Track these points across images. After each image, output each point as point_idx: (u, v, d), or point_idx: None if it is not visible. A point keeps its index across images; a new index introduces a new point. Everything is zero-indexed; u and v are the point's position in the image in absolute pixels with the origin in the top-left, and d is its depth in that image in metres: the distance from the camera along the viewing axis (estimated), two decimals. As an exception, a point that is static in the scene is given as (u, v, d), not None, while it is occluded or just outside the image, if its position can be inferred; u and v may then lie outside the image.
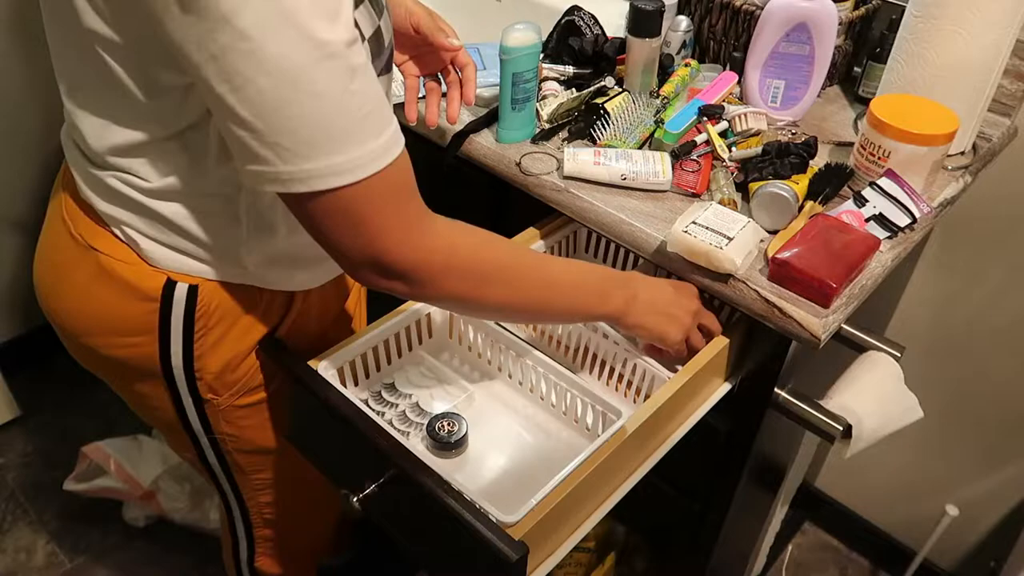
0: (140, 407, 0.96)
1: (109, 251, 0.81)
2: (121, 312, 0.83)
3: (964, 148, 1.12)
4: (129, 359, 0.86)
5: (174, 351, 0.84)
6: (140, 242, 0.80)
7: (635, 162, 1.01)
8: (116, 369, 0.89)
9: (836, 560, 1.77)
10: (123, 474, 1.67)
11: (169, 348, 0.84)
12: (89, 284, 0.83)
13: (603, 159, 1.02)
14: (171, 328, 0.83)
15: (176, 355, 0.85)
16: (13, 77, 1.71)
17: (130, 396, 0.95)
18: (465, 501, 0.71)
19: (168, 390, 0.88)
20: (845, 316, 0.87)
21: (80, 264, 0.82)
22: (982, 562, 1.59)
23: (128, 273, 0.81)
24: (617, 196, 1.01)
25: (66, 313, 0.87)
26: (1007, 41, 1.01)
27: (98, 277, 0.82)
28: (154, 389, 0.89)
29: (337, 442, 0.85)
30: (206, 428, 0.94)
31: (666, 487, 1.15)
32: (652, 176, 1.01)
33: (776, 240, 0.92)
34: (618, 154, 1.03)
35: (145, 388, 0.90)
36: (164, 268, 0.80)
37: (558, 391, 0.89)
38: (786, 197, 0.94)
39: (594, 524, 0.84)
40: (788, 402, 0.98)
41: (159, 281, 0.81)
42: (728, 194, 0.99)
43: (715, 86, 1.10)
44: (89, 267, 0.82)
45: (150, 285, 0.81)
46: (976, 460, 1.51)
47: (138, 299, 0.81)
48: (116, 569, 1.65)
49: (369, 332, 0.90)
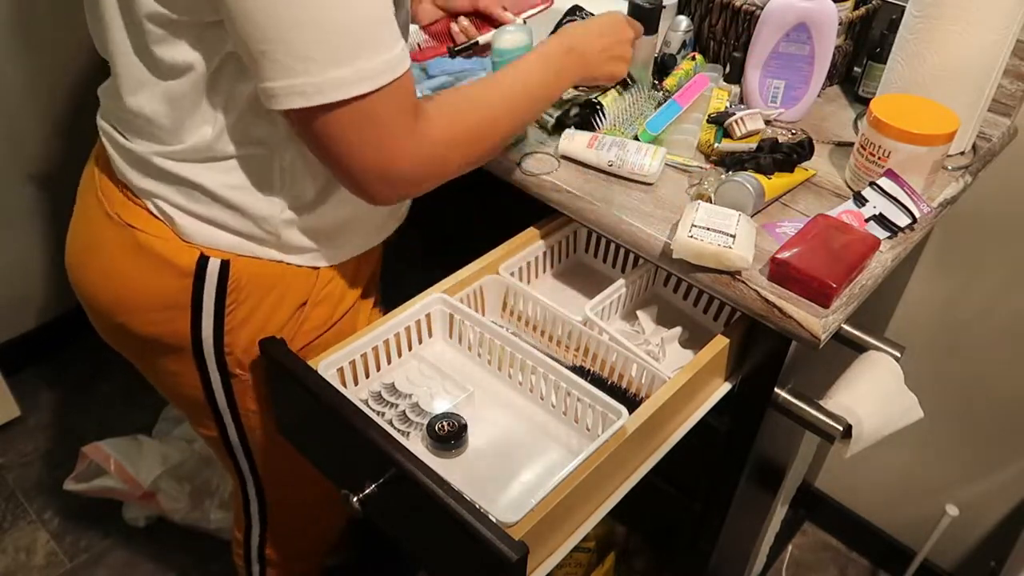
0: (166, 385, 0.98)
1: (144, 227, 0.84)
2: (155, 287, 0.86)
3: (964, 148, 1.12)
4: (161, 335, 0.89)
5: (204, 325, 0.87)
6: (175, 216, 0.83)
7: (627, 151, 1.02)
8: (146, 346, 0.92)
9: (836, 560, 1.77)
10: (123, 474, 1.67)
11: (200, 323, 0.87)
12: (124, 260, 0.86)
13: (597, 144, 1.03)
14: (203, 303, 0.86)
15: (207, 330, 0.87)
16: (13, 77, 1.71)
17: (157, 374, 0.97)
18: (465, 501, 0.71)
19: (197, 366, 0.91)
20: (845, 316, 0.87)
21: (116, 241, 0.86)
22: (982, 562, 1.59)
23: (163, 248, 0.84)
24: (616, 194, 1.01)
25: (100, 290, 0.89)
26: (1007, 41, 1.01)
27: (133, 253, 0.85)
28: (183, 366, 0.91)
29: (337, 442, 0.85)
30: (231, 405, 0.96)
31: (666, 487, 1.16)
32: (637, 167, 1.01)
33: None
34: (613, 142, 1.03)
35: (174, 365, 0.92)
36: (198, 243, 0.84)
37: (558, 391, 0.89)
38: (747, 189, 0.94)
39: (594, 524, 0.84)
40: (788, 402, 0.98)
41: (193, 256, 0.84)
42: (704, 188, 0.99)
43: (689, 89, 1.10)
44: (125, 244, 0.85)
45: (184, 260, 0.84)
46: (976, 460, 1.51)
47: (172, 274, 0.84)
48: (116, 569, 1.65)
49: (369, 332, 0.90)
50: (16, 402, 1.90)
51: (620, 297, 1.04)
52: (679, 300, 1.10)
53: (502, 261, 1.03)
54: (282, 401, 0.94)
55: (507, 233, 1.06)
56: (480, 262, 1.01)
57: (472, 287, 1.00)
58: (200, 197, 0.82)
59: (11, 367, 1.93)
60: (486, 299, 1.03)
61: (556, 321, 0.98)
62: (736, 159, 1.02)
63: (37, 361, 2.05)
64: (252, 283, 0.87)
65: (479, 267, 1.01)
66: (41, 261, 1.95)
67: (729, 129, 1.05)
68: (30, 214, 1.88)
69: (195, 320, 0.87)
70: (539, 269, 1.11)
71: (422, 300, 0.95)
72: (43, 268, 1.96)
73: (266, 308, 0.89)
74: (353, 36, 0.66)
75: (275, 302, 0.89)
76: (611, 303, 1.03)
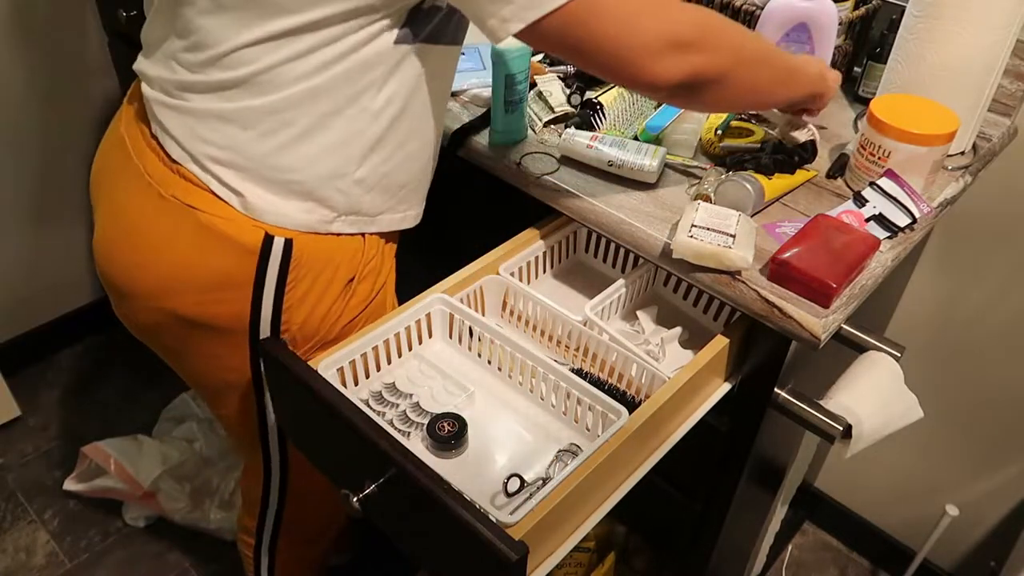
0: (207, 370, 0.98)
1: (207, 207, 0.84)
2: (215, 267, 0.86)
3: (964, 148, 1.12)
4: (218, 316, 0.89)
5: (264, 304, 0.88)
6: (242, 189, 0.83)
7: (627, 151, 1.02)
8: (190, 329, 0.91)
9: (836, 560, 1.77)
10: (123, 474, 1.67)
11: (260, 302, 0.88)
12: (183, 242, 0.86)
13: (598, 143, 1.03)
14: (265, 281, 0.87)
15: (266, 308, 0.89)
16: (13, 77, 1.71)
17: (198, 359, 0.97)
18: (465, 501, 0.71)
19: (250, 345, 0.92)
20: (845, 316, 0.87)
21: (174, 223, 0.86)
22: (982, 562, 1.59)
23: (227, 228, 0.84)
24: (616, 194, 1.01)
25: (145, 273, 0.89)
26: (1007, 41, 1.01)
27: (195, 233, 0.85)
28: (229, 347, 0.92)
29: (337, 442, 0.85)
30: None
31: (666, 487, 1.16)
32: (637, 167, 1.01)
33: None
34: (613, 141, 1.03)
35: (219, 347, 0.93)
36: (263, 222, 0.85)
37: (558, 391, 0.89)
38: (747, 189, 0.94)
39: (594, 524, 0.84)
40: (788, 402, 0.98)
41: (258, 235, 0.85)
42: (704, 188, 0.99)
43: None
44: (185, 225, 0.85)
45: (250, 239, 0.85)
46: (976, 460, 1.51)
47: (236, 253, 0.85)
48: (116, 569, 1.65)
49: (369, 332, 0.90)
50: (16, 402, 1.90)
51: (620, 297, 1.04)
52: (679, 300, 1.10)
53: (502, 261, 1.03)
54: (282, 401, 0.94)
55: (507, 233, 1.06)
56: (480, 262, 1.01)
57: (472, 287, 1.00)
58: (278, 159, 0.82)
59: (11, 367, 1.93)
60: (486, 299, 1.03)
61: (556, 321, 0.98)
62: (736, 159, 1.02)
63: (37, 361, 2.05)
64: (311, 260, 0.88)
65: (479, 267, 1.01)
66: (41, 261, 1.95)
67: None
68: (30, 214, 1.88)
69: (256, 300, 0.88)
70: (539, 269, 1.11)
71: (422, 300, 0.95)
72: (43, 268, 1.96)
73: (321, 284, 0.91)
74: None
75: (329, 278, 0.91)
76: (611, 303, 1.03)
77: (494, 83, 1.04)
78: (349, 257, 0.92)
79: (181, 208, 0.85)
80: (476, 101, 1.17)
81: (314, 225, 0.87)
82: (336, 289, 0.92)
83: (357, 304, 0.96)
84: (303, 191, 0.85)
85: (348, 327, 0.96)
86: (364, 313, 0.97)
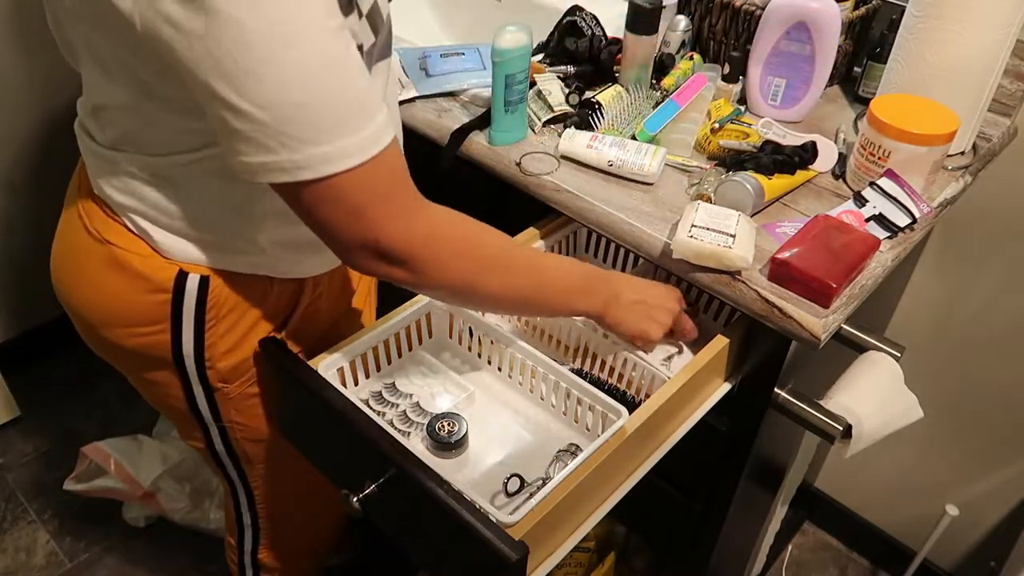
0: (153, 395, 0.98)
1: (122, 244, 0.83)
2: (134, 303, 0.85)
3: (964, 148, 1.12)
4: (142, 348, 0.88)
5: (185, 340, 0.86)
6: (152, 232, 0.81)
7: (627, 151, 1.02)
8: (130, 358, 0.91)
9: (836, 560, 1.77)
10: (123, 474, 1.67)
11: (181, 338, 0.86)
12: (103, 276, 0.85)
13: (597, 144, 1.03)
14: (183, 318, 0.85)
15: (187, 344, 0.87)
16: (13, 77, 1.71)
17: (143, 384, 0.97)
18: (465, 501, 0.70)
19: (180, 379, 0.90)
20: (845, 316, 0.87)
21: (95, 257, 0.85)
22: (982, 562, 1.59)
23: (141, 265, 0.83)
24: (617, 194, 1.01)
25: (82, 305, 0.89)
26: (1007, 41, 1.01)
27: (112, 269, 0.84)
28: (166, 378, 0.91)
29: (337, 442, 0.85)
30: (216, 416, 0.95)
31: (666, 487, 1.15)
32: (637, 167, 1.01)
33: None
34: (613, 141, 1.03)
35: (158, 377, 0.91)
36: (176, 259, 0.82)
37: (558, 391, 0.89)
38: (747, 188, 0.94)
39: (594, 524, 0.84)
40: (788, 402, 0.98)
41: (171, 272, 0.82)
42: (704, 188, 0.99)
43: (687, 88, 1.10)
44: (103, 260, 0.84)
45: (162, 276, 0.83)
46: (976, 460, 1.51)
47: (150, 290, 0.83)
48: (116, 569, 1.65)
49: (369, 332, 0.90)
50: (16, 402, 1.90)
51: (620, 297, 1.04)
52: (679, 300, 1.10)
53: (502, 261, 1.02)
54: (282, 401, 0.94)
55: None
56: (480, 262, 1.01)
57: (472, 287, 1.00)
58: (177, 209, 0.80)
59: (11, 367, 1.93)
60: (486, 299, 1.03)
61: (556, 321, 0.98)
62: (736, 159, 1.02)
63: (37, 361, 2.05)
64: (233, 298, 0.86)
65: (479, 267, 1.00)
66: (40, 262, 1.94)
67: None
68: (29, 215, 1.88)
69: (175, 335, 0.86)
70: (539, 269, 1.11)
71: (422, 300, 0.95)
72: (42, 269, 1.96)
73: (248, 322, 0.88)
74: (335, 109, 0.63)
75: (258, 316, 0.88)
76: (611, 303, 1.03)
77: (494, 83, 1.04)
78: (286, 294, 0.89)
79: (101, 243, 0.84)
80: (476, 101, 1.17)
81: (231, 264, 0.84)
82: (267, 327, 0.90)
83: (299, 340, 0.93)
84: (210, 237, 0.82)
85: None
86: (314, 347, 0.93)
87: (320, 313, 0.95)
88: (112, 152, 0.80)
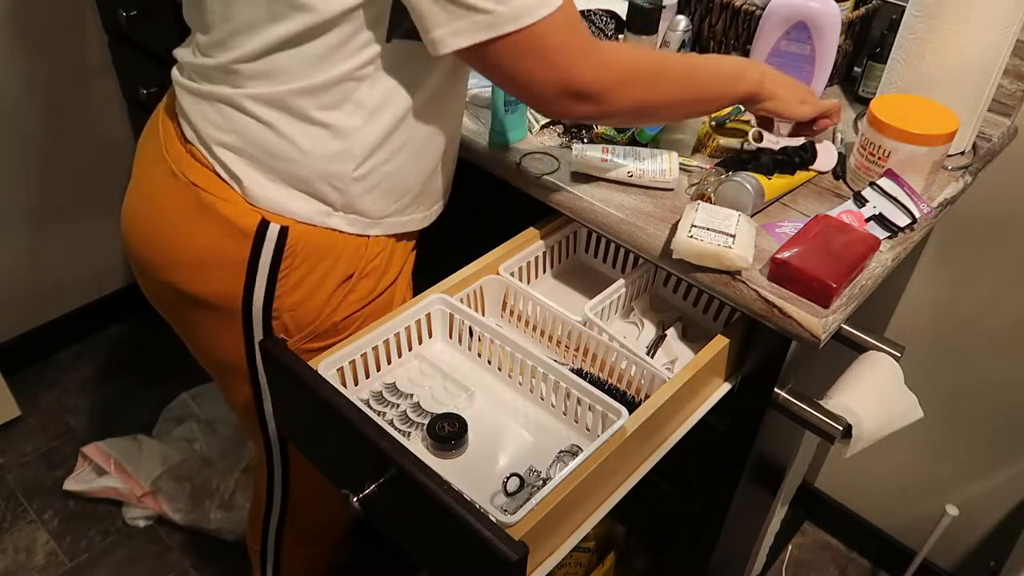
0: (204, 346, 1.01)
1: (210, 188, 0.87)
2: (214, 247, 0.88)
3: (964, 148, 1.12)
4: (212, 295, 0.91)
5: (257, 288, 0.90)
6: (244, 177, 0.85)
7: (642, 160, 1.02)
8: (191, 305, 0.94)
9: (836, 560, 1.77)
10: (123, 474, 1.67)
11: (253, 285, 0.89)
12: (187, 218, 0.89)
13: (611, 156, 1.02)
14: (259, 266, 0.88)
15: (258, 292, 0.90)
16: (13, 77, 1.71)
17: (197, 335, 0.99)
18: (465, 501, 0.71)
19: (243, 327, 0.93)
20: (845, 316, 0.87)
21: (180, 199, 0.89)
22: (982, 562, 1.59)
23: (225, 209, 0.87)
24: (616, 194, 1.01)
25: (161, 246, 0.92)
26: (1007, 41, 1.01)
27: (196, 212, 0.88)
28: (225, 328, 0.94)
29: (337, 442, 0.85)
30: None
31: (666, 487, 1.16)
32: (659, 174, 1.01)
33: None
34: (625, 151, 1.03)
35: (216, 326, 0.95)
36: (260, 206, 0.87)
37: (558, 391, 0.89)
38: (747, 188, 0.94)
39: (594, 524, 0.84)
40: (788, 402, 0.98)
41: (255, 219, 0.87)
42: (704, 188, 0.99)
43: None
44: (189, 202, 0.88)
45: (246, 222, 0.87)
46: (976, 460, 1.51)
47: (232, 235, 0.87)
48: (116, 569, 1.65)
49: (369, 332, 0.90)
50: (16, 402, 1.90)
51: (620, 297, 1.04)
52: (679, 300, 1.10)
53: (502, 261, 1.03)
54: (282, 401, 0.94)
55: (507, 233, 1.06)
56: (480, 262, 1.01)
57: (472, 287, 1.00)
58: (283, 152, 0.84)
59: (11, 367, 1.93)
60: (486, 299, 1.03)
61: (556, 321, 0.98)
62: (736, 159, 1.02)
63: (37, 361, 2.05)
64: (307, 250, 0.89)
65: (479, 267, 1.01)
66: (41, 261, 1.95)
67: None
68: (29, 214, 1.88)
69: (248, 282, 0.89)
70: (539, 269, 1.11)
71: (422, 300, 0.95)
72: (43, 268, 1.96)
73: (317, 276, 0.91)
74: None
75: (326, 270, 0.92)
76: (611, 303, 1.03)
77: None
78: (350, 253, 0.93)
79: (187, 186, 0.88)
80: (476, 101, 1.17)
81: (311, 216, 0.88)
82: (333, 283, 0.93)
83: (356, 300, 0.96)
84: (299, 181, 0.86)
85: (346, 322, 0.96)
86: (365, 310, 0.97)
87: (375, 278, 0.97)
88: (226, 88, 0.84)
